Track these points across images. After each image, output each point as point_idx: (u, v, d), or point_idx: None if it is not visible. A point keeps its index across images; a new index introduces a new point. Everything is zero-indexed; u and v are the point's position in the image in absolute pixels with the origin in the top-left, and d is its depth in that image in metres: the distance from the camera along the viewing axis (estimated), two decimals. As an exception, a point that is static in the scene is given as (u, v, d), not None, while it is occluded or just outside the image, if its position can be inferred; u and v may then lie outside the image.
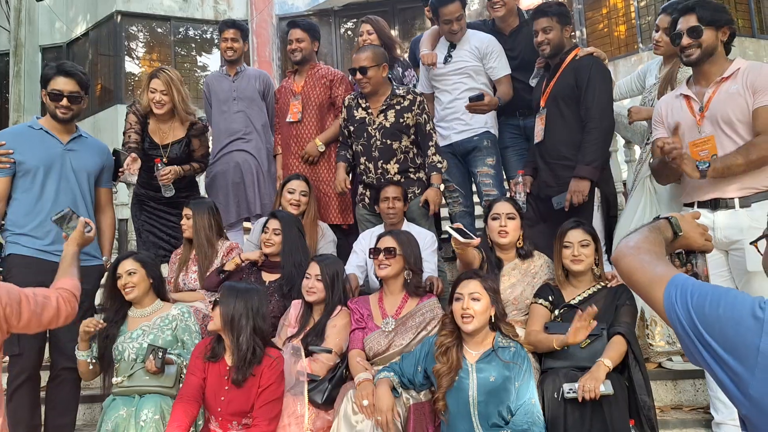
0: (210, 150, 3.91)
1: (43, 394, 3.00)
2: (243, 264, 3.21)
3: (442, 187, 3.48)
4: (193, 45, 11.71)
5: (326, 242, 3.46)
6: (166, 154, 3.60)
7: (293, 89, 3.96)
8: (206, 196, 4.09)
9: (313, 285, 2.83)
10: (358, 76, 3.42)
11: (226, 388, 2.49)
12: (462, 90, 3.72)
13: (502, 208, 2.92)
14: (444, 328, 2.44)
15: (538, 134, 3.30)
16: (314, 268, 2.85)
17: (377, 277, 2.88)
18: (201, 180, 4.22)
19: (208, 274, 3.23)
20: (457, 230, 2.57)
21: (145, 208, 3.75)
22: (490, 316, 2.41)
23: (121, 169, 3.23)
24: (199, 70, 11.62)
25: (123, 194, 5.76)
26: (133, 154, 3.28)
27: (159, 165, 3.46)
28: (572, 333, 2.37)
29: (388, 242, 2.80)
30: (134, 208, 3.82)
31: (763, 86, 2.46)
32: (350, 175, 3.72)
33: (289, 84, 4.03)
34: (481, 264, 2.81)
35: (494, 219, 2.91)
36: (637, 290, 1.17)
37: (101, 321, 2.79)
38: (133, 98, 3.72)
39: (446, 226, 2.61)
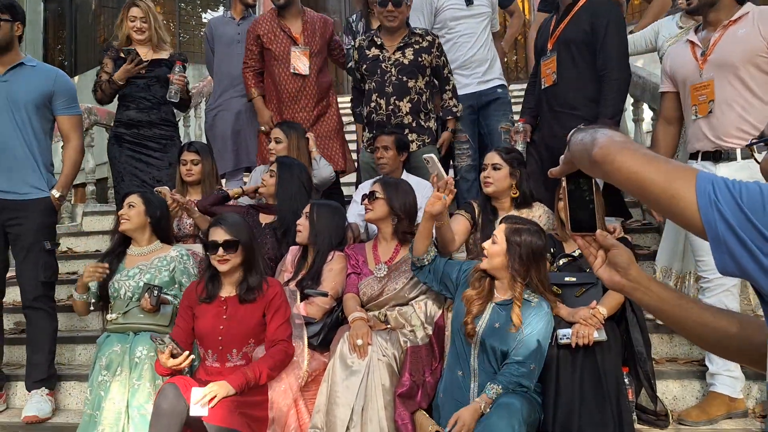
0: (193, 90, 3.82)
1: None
2: (243, 195, 3.21)
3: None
4: (198, 1, 11.49)
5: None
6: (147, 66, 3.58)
7: (291, 35, 3.72)
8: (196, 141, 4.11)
9: (301, 222, 2.82)
10: (390, 7, 3.32)
11: (225, 317, 2.51)
12: (485, 37, 3.67)
13: (489, 158, 2.88)
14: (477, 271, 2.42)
15: (548, 79, 3.14)
16: (308, 208, 2.86)
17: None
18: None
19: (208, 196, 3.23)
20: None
21: (125, 147, 3.56)
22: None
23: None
24: (203, 28, 11.42)
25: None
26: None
27: (179, 68, 3.47)
28: (571, 312, 2.37)
29: (373, 188, 2.80)
30: (113, 150, 3.59)
31: None
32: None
33: (281, 26, 3.71)
34: (468, 235, 2.85)
35: (483, 169, 2.89)
36: (645, 190, 0.95)
37: (105, 265, 2.75)
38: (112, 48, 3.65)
39: (430, 154, 2.53)
